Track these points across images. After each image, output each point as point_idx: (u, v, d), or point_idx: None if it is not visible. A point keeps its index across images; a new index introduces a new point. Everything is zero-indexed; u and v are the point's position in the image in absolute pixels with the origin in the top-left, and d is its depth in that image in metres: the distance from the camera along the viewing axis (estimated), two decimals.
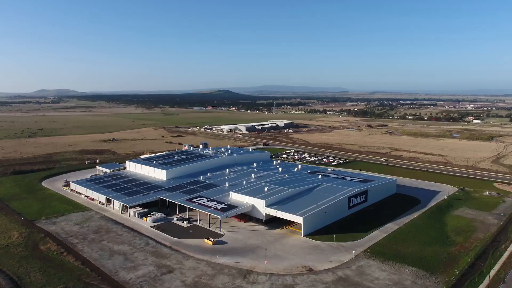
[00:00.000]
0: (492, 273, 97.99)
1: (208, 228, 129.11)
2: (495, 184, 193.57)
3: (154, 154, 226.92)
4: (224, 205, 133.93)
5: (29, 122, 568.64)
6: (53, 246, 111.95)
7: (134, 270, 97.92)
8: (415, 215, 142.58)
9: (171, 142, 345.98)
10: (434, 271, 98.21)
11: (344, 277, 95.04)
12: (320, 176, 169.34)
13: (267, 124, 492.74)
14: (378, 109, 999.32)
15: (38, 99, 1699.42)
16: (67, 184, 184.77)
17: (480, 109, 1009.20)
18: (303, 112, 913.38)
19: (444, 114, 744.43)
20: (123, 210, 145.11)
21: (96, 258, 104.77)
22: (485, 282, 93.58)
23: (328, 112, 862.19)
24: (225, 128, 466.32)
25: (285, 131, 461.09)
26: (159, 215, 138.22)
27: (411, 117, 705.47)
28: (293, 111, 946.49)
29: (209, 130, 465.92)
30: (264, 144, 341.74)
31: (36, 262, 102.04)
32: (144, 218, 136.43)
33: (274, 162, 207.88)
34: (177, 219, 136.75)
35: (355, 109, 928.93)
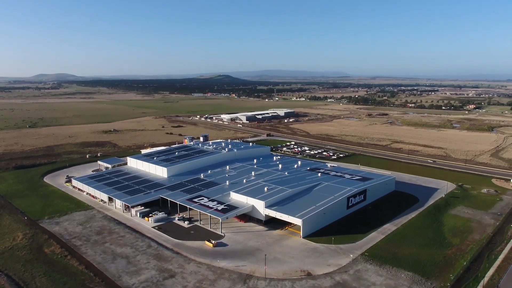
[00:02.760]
0: (486, 278, 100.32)
1: (209, 228, 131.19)
2: (493, 180, 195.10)
3: (154, 149, 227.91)
4: (224, 206, 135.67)
5: (29, 110, 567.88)
6: (57, 248, 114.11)
7: (137, 274, 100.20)
8: (413, 214, 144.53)
9: (171, 133, 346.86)
10: (430, 276, 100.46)
11: (342, 282, 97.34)
12: (319, 174, 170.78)
13: (268, 114, 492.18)
14: (379, 95, 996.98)
15: (38, 85, 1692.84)
16: (69, 180, 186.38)
17: (481, 96, 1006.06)
18: (304, 99, 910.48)
19: (445, 102, 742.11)
20: (125, 209, 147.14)
21: (99, 261, 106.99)
22: (480, 287, 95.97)
23: (328, 100, 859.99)
24: (225, 117, 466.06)
25: (285, 120, 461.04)
26: (160, 215, 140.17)
27: (412, 105, 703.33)
28: (294, 98, 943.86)
29: (209, 120, 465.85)
30: (268, 135, 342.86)
31: (41, 266, 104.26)
32: (146, 218, 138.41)
33: (274, 157, 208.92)
34: (178, 219, 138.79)
35: (356, 96, 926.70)
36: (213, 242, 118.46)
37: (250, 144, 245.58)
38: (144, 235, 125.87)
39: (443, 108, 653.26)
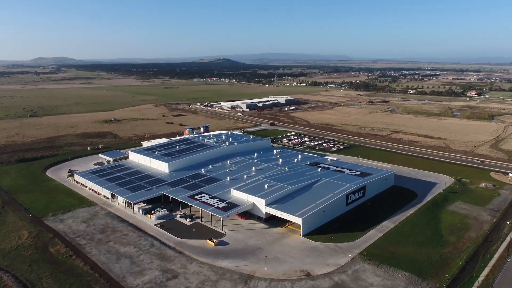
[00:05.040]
0: (481, 278, 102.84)
1: (210, 226, 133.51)
2: (492, 174, 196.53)
3: (155, 142, 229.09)
4: (225, 204, 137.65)
5: (29, 97, 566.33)
6: (62, 248, 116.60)
7: (141, 275, 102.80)
8: (411, 211, 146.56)
9: (172, 123, 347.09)
10: (426, 276, 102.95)
11: (340, 283, 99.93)
12: (319, 169, 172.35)
13: (268, 101, 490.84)
14: (380, 80, 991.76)
15: (36, 69, 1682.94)
16: (71, 174, 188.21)
17: (483, 80, 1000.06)
18: (304, 84, 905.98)
19: (447, 87, 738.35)
20: (128, 206, 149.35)
21: (103, 261, 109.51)
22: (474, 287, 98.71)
23: (329, 85, 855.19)
24: (225, 105, 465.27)
25: (286, 108, 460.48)
26: (162, 212, 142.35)
27: (413, 91, 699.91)
28: (294, 84, 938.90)
29: (209, 108, 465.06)
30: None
31: (47, 266, 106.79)
32: (148, 215, 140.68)
33: (275, 151, 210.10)
34: (180, 216, 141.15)
35: (357, 81, 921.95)
36: (214, 241, 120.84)
37: (251, 136, 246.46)
38: (147, 233, 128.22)
39: (444, 94, 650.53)
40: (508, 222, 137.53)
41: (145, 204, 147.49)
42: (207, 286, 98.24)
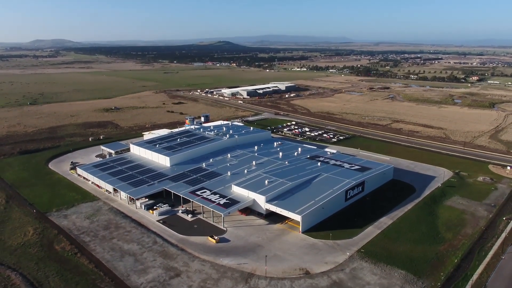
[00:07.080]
0: (475, 276, 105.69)
1: (212, 222, 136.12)
2: (490, 167, 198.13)
3: (156, 134, 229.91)
4: (226, 200, 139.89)
5: (29, 84, 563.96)
6: (67, 245, 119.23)
7: (144, 273, 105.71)
8: (409, 206, 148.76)
9: (172, 111, 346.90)
10: (422, 274, 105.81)
11: (338, 281, 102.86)
12: (319, 163, 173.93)
13: (268, 88, 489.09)
14: (381, 64, 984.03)
15: (35, 52, 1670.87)
16: (73, 167, 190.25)
17: (485, 65, 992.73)
18: (305, 69, 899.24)
19: (448, 73, 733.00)
20: (130, 201, 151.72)
21: (108, 259, 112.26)
22: (468, 287, 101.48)
23: (330, 70, 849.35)
24: (226, 92, 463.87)
25: (286, 95, 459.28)
26: (164, 207, 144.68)
27: (414, 76, 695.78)
28: (295, 68, 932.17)
29: (209, 95, 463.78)
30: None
31: (53, 264, 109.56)
32: (151, 211, 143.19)
33: (275, 143, 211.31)
34: (181, 212, 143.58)
35: (358, 66, 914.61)
36: (215, 238, 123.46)
37: (251, 128, 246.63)
38: (149, 229, 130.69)
39: (446, 80, 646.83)
40: (504, 218, 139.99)
41: (147, 199, 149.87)
42: (209, 284, 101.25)
